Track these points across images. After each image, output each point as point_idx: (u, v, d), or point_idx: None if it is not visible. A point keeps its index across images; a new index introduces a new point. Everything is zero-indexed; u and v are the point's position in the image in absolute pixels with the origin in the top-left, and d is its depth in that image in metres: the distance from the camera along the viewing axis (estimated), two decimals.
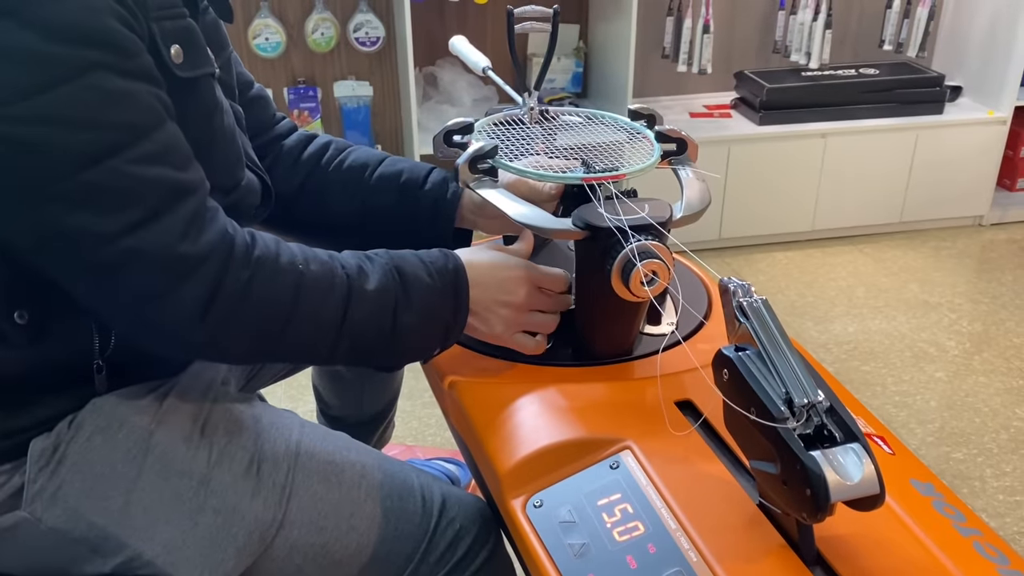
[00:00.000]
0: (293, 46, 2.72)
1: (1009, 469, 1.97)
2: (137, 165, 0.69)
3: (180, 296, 0.72)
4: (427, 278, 0.83)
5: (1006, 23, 2.82)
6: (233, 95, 0.95)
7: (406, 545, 0.85)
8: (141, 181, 0.70)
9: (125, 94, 0.69)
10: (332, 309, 0.79)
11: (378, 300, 0.81)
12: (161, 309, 0.72)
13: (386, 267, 0.83)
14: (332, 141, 1.10)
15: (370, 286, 0.80)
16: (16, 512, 0.77)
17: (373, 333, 0.81)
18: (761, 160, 2.81)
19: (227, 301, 0.73)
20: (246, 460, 0.82)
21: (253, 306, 0.75)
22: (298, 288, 0.77)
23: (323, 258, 0.81)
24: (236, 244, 0.75)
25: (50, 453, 0.77)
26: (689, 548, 0.67)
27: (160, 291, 0.71)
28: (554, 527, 0.72)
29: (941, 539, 0.67)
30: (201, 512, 0.79)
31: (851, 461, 0.60)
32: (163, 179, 0.71)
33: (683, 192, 0.91)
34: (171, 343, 0.77)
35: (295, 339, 0.78)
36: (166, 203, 0.71)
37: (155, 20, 0.73)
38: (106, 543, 0.77)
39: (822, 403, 0.62)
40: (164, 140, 0.72)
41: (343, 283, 0.79)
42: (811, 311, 2.58)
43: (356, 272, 0.81)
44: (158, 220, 0.70)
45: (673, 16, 2.87)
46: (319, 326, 0.79)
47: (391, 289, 0.81)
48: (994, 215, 3.07)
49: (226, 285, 0.73)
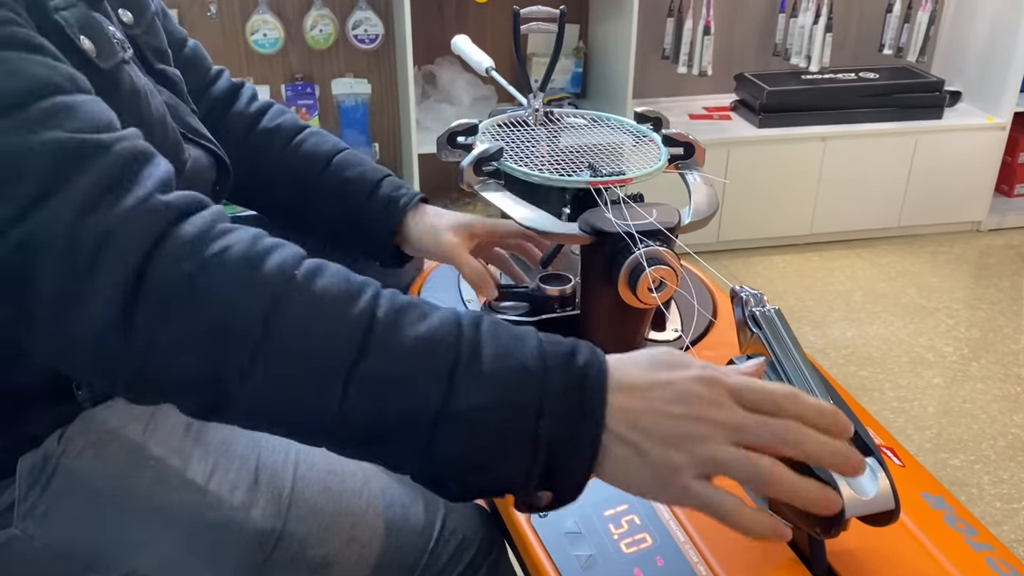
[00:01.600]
0: (291, 43, 2.70)
1: (1006, 476, 1.97)
2: (15, 135, 0.56)
3: (92, 290, 0.54)
4: (529, 348, 0.57)
5: (1006, 29, 2.82)
6: (167, 59, 0.88)
7: (408, 556, 0.84)
8: (16, 153, 0.56)
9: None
10: (336, 340, 0.55)
11: (425, 350, 0.56)
12: (69, 320, 0.55)
13: (452, 315, 0.58)
14: (283, 115, 1.04)
15: (411, 328, 0.56)
16: (8, 530, 0.74)
17: (407, 401, 0.55)
18: (760, 163, 2.80)
19: (157, 296, 0.54)
20: (244, 470, 0.80)
21: (199, 311, 0.54)
22: (277, 301, 0.55)
23: (344, 276, 0.59)
24: (179, 222, 0.57)
25: (39, 469, 0.75)
26: (698, 561, 0.66)
27: (61, 291, 0.54)
28: (560, 538, 0.71)
29: (954, 555, 0.66)
30: (198, 525, 0.77)
31: (866, 476, 0.58)
32: (44, 145, 0.56)
33: (691, 197, 0.90)
34: (101, 379, 0.59)
35: (272, 373, 0.55)
36: (63, 170, 0.56)
37: (55, 10, 0.66)
38: (101, 559, 0.76)
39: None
40: (50, 106, 0.58)
41: (363, 313, 0.56)
42: (809, 315, 2.58)
43: (394, 305, 0.57)
44: (52, 194, 0.55)
45: (674, 17, 2.86)
46: (311, 361, 0.55)
47: (450, 342, 0.56)
48: (992, 220, 3.07)
49: (153, 274, 0.54)
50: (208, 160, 0.88)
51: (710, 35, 2.83)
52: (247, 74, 2.71)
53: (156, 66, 0.85)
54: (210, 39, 2.65)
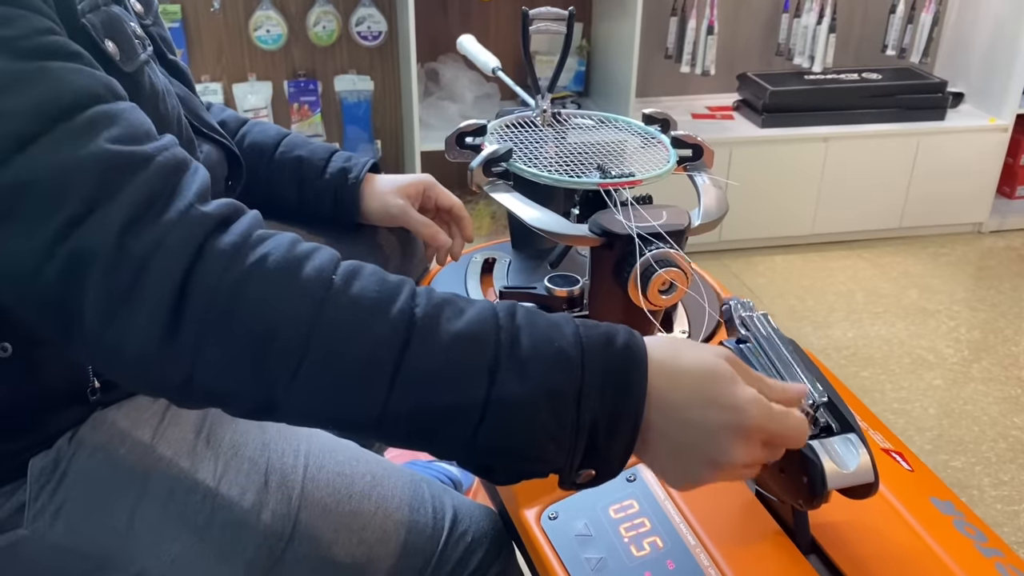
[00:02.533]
0: (294, 39, 2.69)
1: (1007, 478, 1.97)
2: (58, 149, 0.56)
3: (135, 305, 0.54)
4: (566, 334, 0.58)
5: (1009, 30, 2.82)
6: (171, 48, 0.88)
7: (417, 559, 0.84)
8: (63, 168, 0.56)
9: (18, 73, 0.57)
10: (378, 341, 0.56)
11: (464, 345, 0.56)
12: (116, 331, 0.55)
13: (489, 307, 0.59)
14: (224, 111, 1.06)
15: (450, 324, 0.57)
16: (18, 530, 0.74)
17: (451, 395, 0.56)
18: (763, 163, 2.80)
19: (202, 301, 0.55)
20: (254, 472, 0.80)
21: (242, 321, 0.55)
22: (319, 307, 0.56)
23: (380, 276, 0.59)
24: (219, 232, 0.57)
25: (50, 471, 0.75)
26: (709, 565, 0.66)
27: (108, 303, 0.55)
28: (570, 540, 0.71)
29: (965, 561, 0.66)
30: (208, 527, 0.77)
31: (847, 450, 0.62)
32: (89, 159, 0.56)
33: (700, 199, 0.90)
34: (147, 387, 0.60)
35: (318, 377, 0.56)
36: (101, 186, 0.56)
37: (82, 14, 0.66)
38: (111, 560, 0.76)
39: (822, 397, 0.64)
40: (93, 116, 0.58)
41: (403, 312, 0.57)
42: (810, 316, 2.58)
43: (431, 302, 0.58)
44: (96, 209, 0.55)
45: (677, 17, 2.85)
46: (355, 362, 0.55)
47: (489, 334, 0.57)
48: (993, 222, 3.08)
49: (196, 285, 0.55)
50: (219, 155, 0.88)
51: (713, 34, 2.83)
52: (250, 71, 2.70)
53: (168, 57, 0.85)
54: (213, 34, 2.65)
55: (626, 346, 0.58)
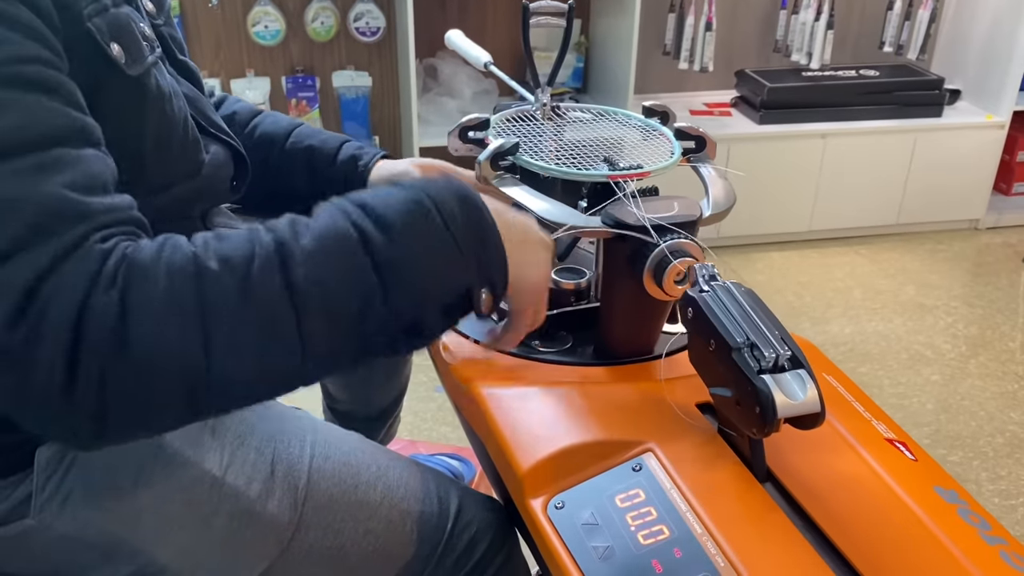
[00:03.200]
0: (292, 34, 2.69)
1: (1004, 473, 1.98)
2: (4, 181, 0.56)
3: (36, 353, 0.54)
4: (401, 192, 0.66)
5: (1006, 28, 2.83)
6: (182, 49, 0.89)
7: (422, 548, 0.84)
8: (8, 199, 0.56)
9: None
10: (263, 283, 0.59)
11: (332, 244, 0.62)
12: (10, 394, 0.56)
13: (334, 207, 0.65)
14: (238, 103, 1.06)
15: (308, 236, 0.61)
16: (25, 520, 0.74)
17: (348, 288, 0.61)
18: (760, 160, 2.81)
19: (94, 353, 0.55)
20: (260, 462, 0.80)
21: (135, 332, 0.56)
22: (199, 277, 0.58)
23: (235, 240, 0.61)
24: (91, 259, 0.57)
25: (57, 460, 0.75)
26: (716, 553, 0.66)
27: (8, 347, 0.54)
28: (576, 529, 0.71)
29: (970, 549, 0.66)
30: (215, 516, 0.77)
31: (797, 384, 0.67)
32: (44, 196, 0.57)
33: (708, 190, 0.91)
34: (62, 439, 0.62)
35: (232, 343, 0.58)
36: (40, 228, 0.56)
37: (88, 18, 0.66)
38: (118, 550, 0.76)
39: (778, 341, 0.69)
40: (54, 157, 0.58)
41: (267, 246, 0.60)
42: (808, 312, 2.59)
43: (285, 229, 0.62)
44: (26, 251, 0.55)
45: (675, 13, 2.86)
46: (256, 309, 0.58)
47: (346, 226, 0.63)
48: (990, 219, 3.09)
49: (84, 336, 0.55)
50: (226, 154, 0.89)
51: (711, 31, 2.83)
52: (248, 66, 2.70)
53: (179, 57, 0.85)
54: (211, 30, 2.64)
55: (448, 179, 0.68)
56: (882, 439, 0.79)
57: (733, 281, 0.77)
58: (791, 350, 0.69)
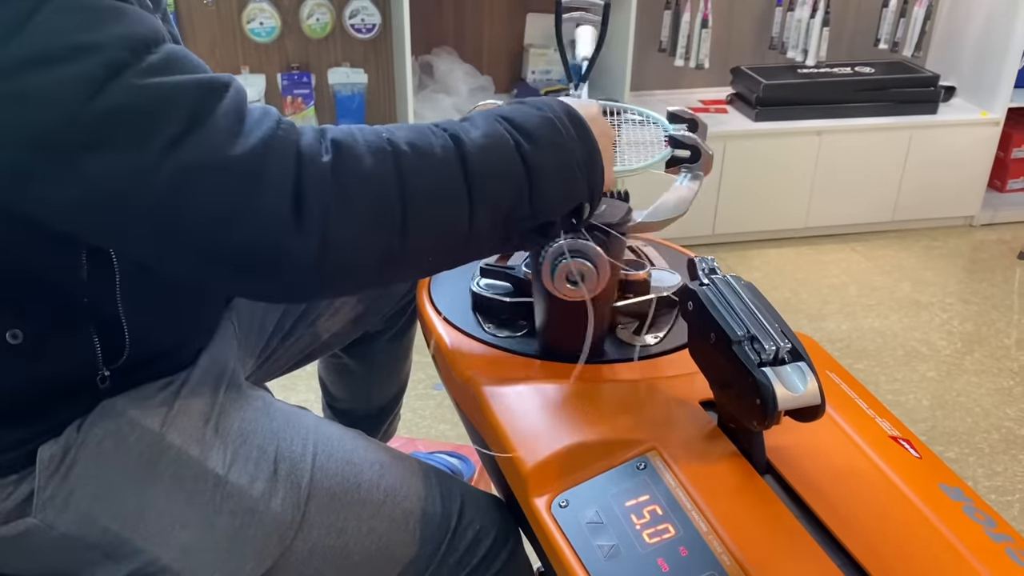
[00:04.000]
0: (287, 31, 2.68)
1: (1000, 469, 1.98)
2: (148, 77, 0.59)
3: (260, 205, 0.60)
4: (533, 110, 0.73)
5: (1001, 25, 2.84)
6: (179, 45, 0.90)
7: (426, 547, 0.84)
8: (159, 93, 0.60)
9: (104, 10, 0.60)
10: (447, 167, 0.67)
11: (495, 144, 0.69)
12: (246, 233, 0.60)
13: (486, 115, 0.72)
14: None
15: (476, 133, 0.69)
16: (27, 519, 0.74)
17: (508, 184, 0.69)
18: (756, 157, 2.81)
19: (317, 194, 0.62)
20: (263, 461, 0.80)
21: (351, 191, 0.63)
22: (396, 156, 0.65)
23: (411, 125, 0.70)
24: (302, 131, 0.65)
25: (59, 459, 0.75)
26: (722, 552, 0.66)
27: (233, 209, 0.60)
28: (581, 528, 0.71)
29: (976, 546, 0.66)
30: (218, 515, 0.77)
31: (797, 376, 0.67)
32: (183, 83, 0.61)
33: (662, 197, 0.88)
34: (279, 277, 0.63)
35: (423, 216, 0.66)
36: (198, 106, 0.60)
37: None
38: (120, 548, 0.75)
39: (785, 344, 0.69)
40: (169, 51, 0.62)
41: (444, 138, 0.68)
42: (804, 308, 2.59)
43: (453, 125, 0.71)
44: (198, 126, 0.60)
45: (671, 10, 2.86)
46: (442, 190, 0.67)
47: (502, 131, 0.70)
48: (985, 215, 3.09)
49: (307, 176, 0.62)
50: None
51: (707, 28, 2.83)
52: (243, 63, 2.69)
53: None
54: (206, 27, 2.63)
55: (561, 103, 0.75)
56: (886, 436, 0.79)
57: (733, 275, 0.77)
58: (791, 343, 0.69)
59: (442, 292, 0.99)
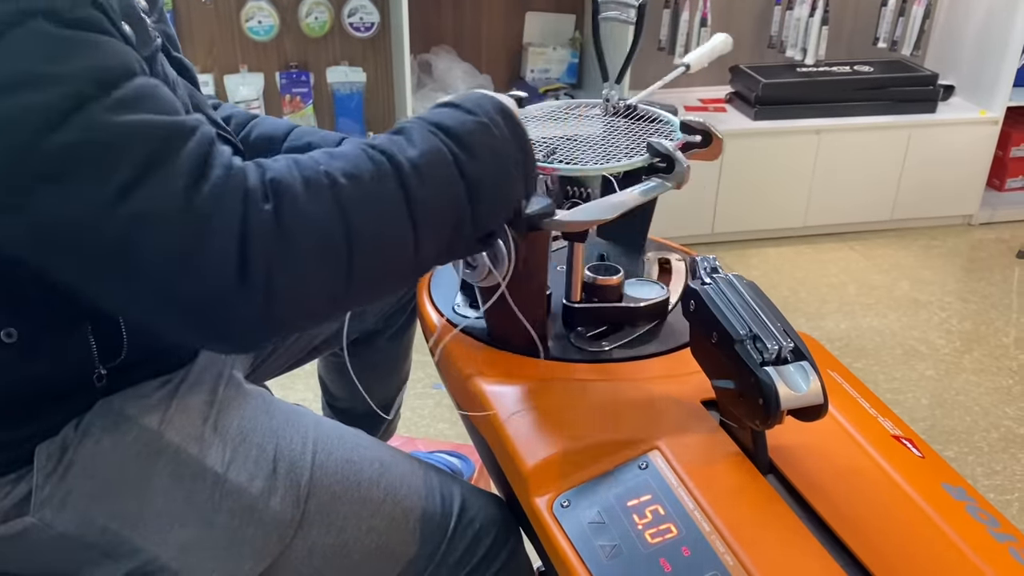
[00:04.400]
0: (286, 30, 2.67)
1: (999, 468, 1.98)
2: (114, 113, 0.59)
3: (207, 256, 0.59)
4: (467, 115, 0.72)
5: (1000, 24, 2.84)
6: (176, 46, 0.89)
7: (426, 546, 0.83)
8: (123, 130, 0.58)
9: (75, 41, 0.59)
10: (389, 198, 0.66)
11: (434, 161, 0.68)
12: (191, 280, 0.59)
13: (420, 127, 0.71)
14: (234, 108, 1.07)
15: (413, 153, 0.68)
16: (24, 518, 0.74)
17: (450, 207, 0.69)
18: (755, 155, 2.81)
19: (262, 242, 0.60)
20: (262, 459, 0.79)
21: (294, 235, 0.62)
22: (336, 195, 0.64)
23: (348, 152, 0.68)
24: (246, 174, 0.63)
25: (57, 458, 0.74)
26: (725, 552, 0.66)
27: (181, 256, 0.59)
28: (583, 528, 0.70)
29: (979, 546, 0.66)
30: (217, 513, 0.76)
31: (799, 375, 0.67)
32: (149, 123, 0.60)
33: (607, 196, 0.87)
34: (222, 328, 0.62)
35: (368, 254, 0.65)
36: (162, 147, 0.59)
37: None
38: (119, 547, 0.75)
39: (788, 344, 0.69)
40: (138, 88, 0.61)
41: (385, 166, 0.67)
42: (803, 307, 2.59)
43: (391, 146, 0.69)
44: (158, 168, 0.59)
45: (670, 9, 2.85)
46: (385, 223, 0.66)
47: (439, 144, 0.70)
48: (983, 214, 3.09)
49: (251, 226, 0.60)
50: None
51: (707, 27, 2.83)
52: (241, 62, 2.68)
53: (173, 54, 0.85)
54: (204, 26, 2.62)
55: (485, 95, 0.76)
56: (888, 436, 0.79)
57: (735, 274, 0.76)
58: (793, 342, 0.70)
59: (442, 291, 0.99)
